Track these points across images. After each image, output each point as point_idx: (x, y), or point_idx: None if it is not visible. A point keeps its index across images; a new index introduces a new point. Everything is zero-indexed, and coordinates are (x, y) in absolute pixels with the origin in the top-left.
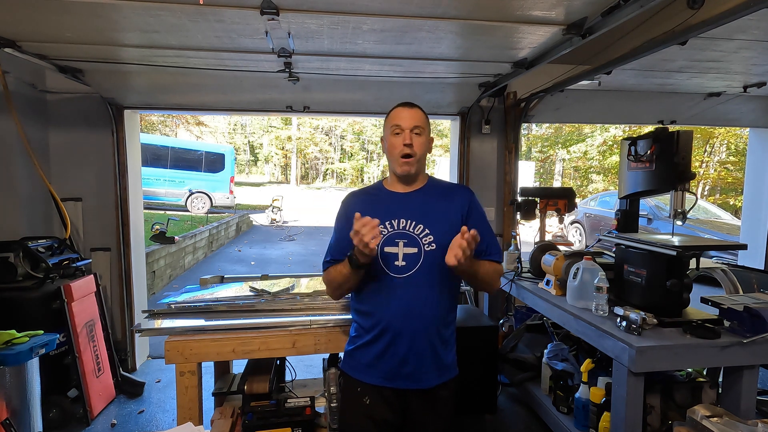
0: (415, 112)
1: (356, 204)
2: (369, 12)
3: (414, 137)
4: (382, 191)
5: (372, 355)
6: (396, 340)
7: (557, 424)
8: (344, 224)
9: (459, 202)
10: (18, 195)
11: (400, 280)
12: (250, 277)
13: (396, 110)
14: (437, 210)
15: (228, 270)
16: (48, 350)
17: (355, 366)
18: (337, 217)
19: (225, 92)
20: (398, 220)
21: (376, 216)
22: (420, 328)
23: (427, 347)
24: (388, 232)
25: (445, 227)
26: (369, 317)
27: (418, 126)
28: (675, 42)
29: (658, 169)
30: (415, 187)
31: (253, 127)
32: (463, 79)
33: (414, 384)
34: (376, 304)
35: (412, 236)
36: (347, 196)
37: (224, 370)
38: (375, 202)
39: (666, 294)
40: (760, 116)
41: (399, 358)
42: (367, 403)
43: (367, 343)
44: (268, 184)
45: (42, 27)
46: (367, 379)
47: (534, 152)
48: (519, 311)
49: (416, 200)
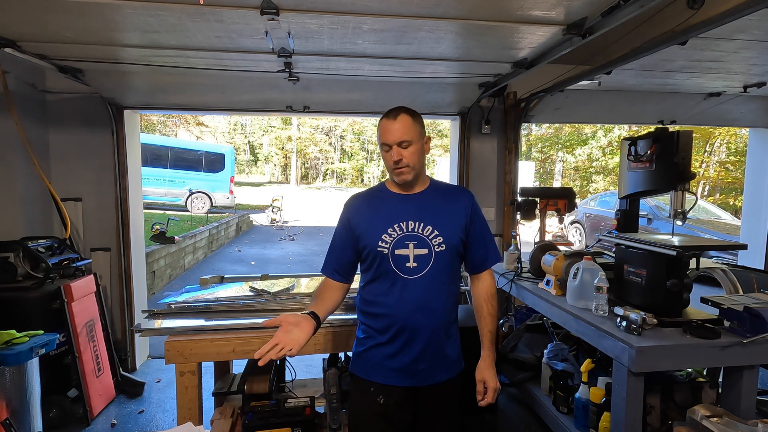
0: (400, 124)
1: (360, 207)
2: (369, 12)
3: (403, 151)
4: (386, 193)
5: (386, 355)
6: (412, 339)
7: (557, 424)
8: (341, 230)
9: (462, 203)
10: (18, 195)
11: (413, 281)
12: (250, 277)
13: (382, 124)
14: (443, 211)
15: (228, 270)
16: (48, 350)
17: (367, 366)
18: (339, 220)
19: (225, 92)
20: (406, 222)
21: (383, 218)
22: (433, 326)
23: (439, 344)
24: (398, 235)
25: (453, 228)
26: (382, 318)
27: (404, 140)
28: (675, 42)
29: (658, 169)
30: (418, 189)
31: (253, 127)
32: (463, 79)
33: (426, 381)
34: (390, 306)
35: (421, 238)
36: (350, 199)
37: (224, 370)
38: (380, 205)
39: (666, 294)
40: (760, 116)
41: (413, 356)
42: (381, 402)
43: (381, 344)
44: (268, 184)
45: (42, 27)
46: (380, 379)
47: (534, 152)
48: (519, 311)
49: (422, 202)
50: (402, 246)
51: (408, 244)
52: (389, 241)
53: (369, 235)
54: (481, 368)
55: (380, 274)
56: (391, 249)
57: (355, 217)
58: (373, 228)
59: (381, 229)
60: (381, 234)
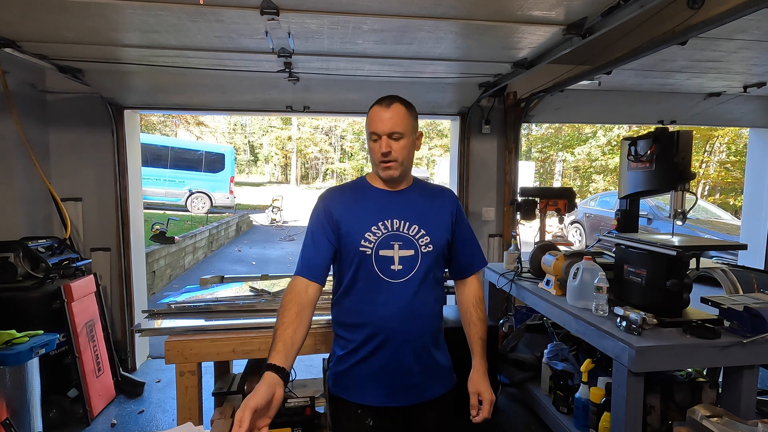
0: (393, 113)
1: (339, 201)
2: (369, 12)
3: (393, 143)
4: (368, 188)
5: (372, 371)
6: (400, 350)
7: (557, 424)
8: (321, 224)
9: (448, 203)
10: (18, 195)
11: (398, 285)
12: (250, 277)
13: (373, 111)
14: (430, 210)
15: (228, 270)
16: (48, 350)
17: (351, 386)
18: (311, 216)
19: (225, 92)
20: (391, 220)
21: (366, 215)
22: (422, 334)
23: (429, 353)
24: (383, 234)
25: (440, 227)
26: (362, 329)
27: (396, 132)
28: (675, 42)
29: (658, 169)
30: (402, 186)
31: (253, 127)
32: (463, 79)
33: (421, 397)
34: (372, 314)
35: (407, 238)
36: (327, 191)
37: (224, 370)
38: (361, 200)
39: (666, 294)
40: (760, 116)
41: (404, 369)
42: (371, 425)
43: (365, 359)
44: (268, 184)
45: (42, 27)
46: (368, 400)
47: (534, 152)
48: (519, 311)
49: (407, 200)
50: (387, 246)
51: (393, 245)
52: (373, 240)
53: (351, 232)
54: (474, 379)
55: (361, 278)
56: (374, 249)
57: (335, 208)
58: (356, 225)
59: (364, 226)
60: (364, 232)
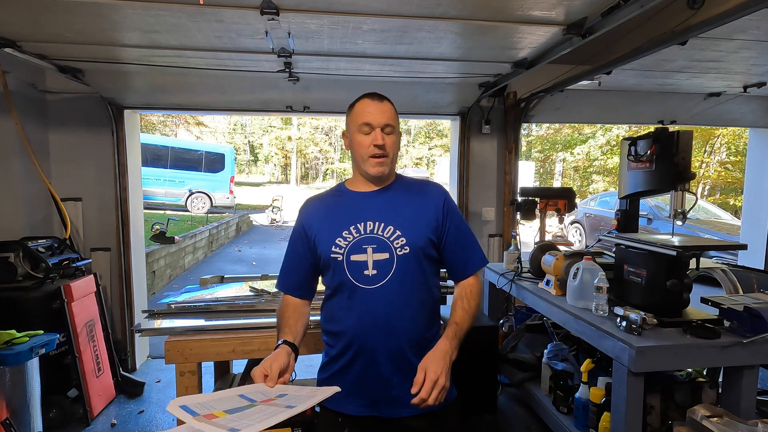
0: (385, 107)
1: (314, 212)
2: (369, 12)
3: (386, 137)
4: (344, 193)
5: (350, 381)
6: (372, 362)
7: (557, 424)
8: (296, 238)
9: (433, 198)
10: (18, 195)
11: (372, 291)
12: (250, 277)
13: (363, 104)
14: (408, 208)
15: (228, 270)
16: (48, 350)
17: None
18: (293, 228)
19: (225, 92)
20: (364, 223)
21: (339, 220)
22: (399, 342)
23: (410, 363)
24: (354, 238)
25: (420, 227)
26: (340, 338)
27: (389, 125)
28: (675, 42)
29: (658, 169)
30: (383, 185)
31: (253, 127)
32: (463, 79)
33: (413, 409)
34: (346, 322)
35: (381, 240)
36: (305, 202)
37: (224, 370)
38: (336, 207)
39: (666, 294)
40: (760, 116)
41: (383, 380)
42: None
43: (342, 369)
44: (268, 184)
45: (42, 27)
46: (348, 409)
47: (534, 152)
48: (519, 311)
49: (383, 199)
50: (359, 251)
51: (366, 249)
52: (344, 245)
53: (322, 240)
54: (428, 356)
55: (336, 285)
56: (345, 255)
57: (309, 222)
58: (327, 232)
59: (335, 232)
60: (335, 238)
